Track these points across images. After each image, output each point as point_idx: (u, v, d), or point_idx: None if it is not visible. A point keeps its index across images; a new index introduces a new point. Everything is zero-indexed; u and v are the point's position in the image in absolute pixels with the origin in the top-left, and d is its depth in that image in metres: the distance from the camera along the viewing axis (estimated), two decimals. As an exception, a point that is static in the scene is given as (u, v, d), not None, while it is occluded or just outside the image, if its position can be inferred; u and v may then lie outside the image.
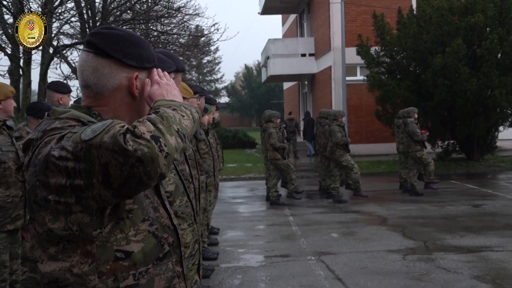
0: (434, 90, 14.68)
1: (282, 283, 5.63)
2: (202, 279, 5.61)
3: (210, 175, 5.69)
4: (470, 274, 5.66)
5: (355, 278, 5.67)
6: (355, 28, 19.00)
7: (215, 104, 7.27)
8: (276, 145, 10.32)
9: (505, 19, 14.40)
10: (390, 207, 10.11)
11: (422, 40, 15.02)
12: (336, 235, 7.81)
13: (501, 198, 10.70)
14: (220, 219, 9.23)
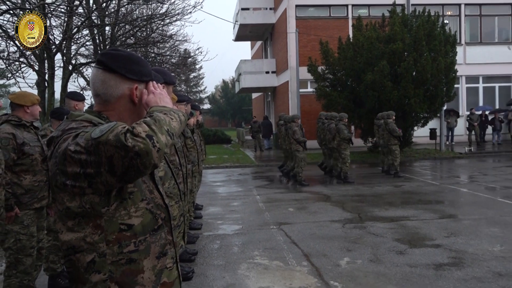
0: (366, 100, 14.83)
1: (251, 246, 5.62)
2: (189, 244, 5.59)
3: (195, 164, 5.64)
4: (392, 238, 5.73)
5: (306, 242, 5.69)
6: (306, 52, 19.06)
7: (198, 110, 7.21)
8: (300, 139, 10.55)
9: (418, 46, 14.60)
10: (333, 188, 10.17)
11: (357, 62, 15.15)
12: (292, 210, 7.83)
13: (415, 180, 10.86)
14: (203, 198, 9.17)
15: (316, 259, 4.98)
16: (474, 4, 21.43)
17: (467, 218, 6.68)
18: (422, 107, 14.62)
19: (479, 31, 21.76)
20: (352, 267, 4.68)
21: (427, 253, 5.03)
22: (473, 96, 21.74)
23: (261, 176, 13.18)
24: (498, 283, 4.05)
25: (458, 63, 16.83)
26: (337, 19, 20.67)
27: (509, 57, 21.59)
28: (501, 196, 8.35)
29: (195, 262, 4.98)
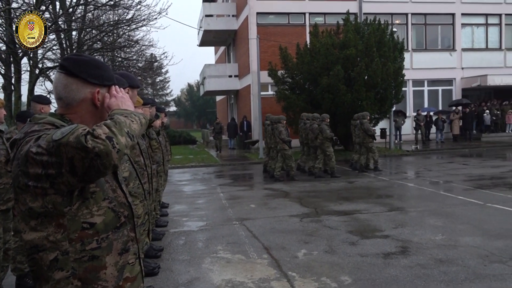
0: (322, 102, 15.09)
1: (214, 241, 5.63)
2: (156, 241, 5.53)
3: (160, 164, 5.58)
4: (346, 230, 5.88)
5: (266, 236, 5.75)
6: (267, 57, 19.18)
7: (163, 112, 7.13)
8: (285, 139, 10.79)
9: (369, 52, 14.99)
10: (291, 184, 10.29)
11: (314, 66, 15.39)
12: (254, 206, 7.88)
13: (367, 176, 11.14)
14: (169, 196, 9.08)
15: (275, 251, 5.05)
16: (419, 13, 22.23)
17: (413, 211, 6.94)
18: (373, 108, 15.02)
19: (424, 39, 22.59)
20: (309, 258, 4.77)
21: (377, 243, 5.19)
22: (419, 98, 22.55)
23: (225, 174, 13.18)
24: (439, 269, 4.24)
25: (406, 68, 17.42)
26: (295, 26, 20.93)
27: (451, 63, 22.55)
28: (443, 190, 8.72)
29: (161, 258, 4.94)
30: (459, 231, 5.60)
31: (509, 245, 4.89)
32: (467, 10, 22.53)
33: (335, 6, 20.91)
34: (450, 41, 22.83)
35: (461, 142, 20.04)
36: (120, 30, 15.49)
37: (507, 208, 6.77)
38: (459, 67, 22.64)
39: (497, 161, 13.51)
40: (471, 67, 22.49)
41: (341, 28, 16.41)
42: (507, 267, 4.21)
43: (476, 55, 22.77)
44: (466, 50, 22.74)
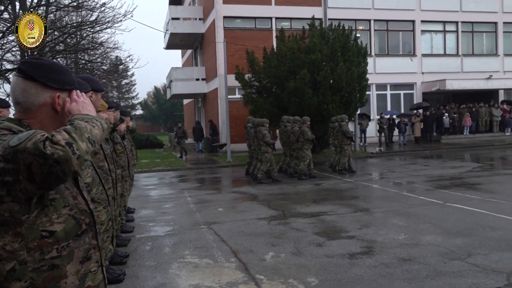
0: (289, 105, 15.19)
1: (182, 246, 5.56)
2: (121, 247, 5.41)
3: (125, 169, 5.46)
4: (313, 232, 5.94)
5: (234, 239, 5.74)
6: (234, 61, 19.18)
7: (129, 115, 7.00)
8: (269, 142, 10.88)
9: (334, 56, 15.21)
10: (259, 187, 10.30)
11: (280, 70, 15.49)
12: (222, 209, 7.84)
13: (333, 179, 11.29)
14: (136, 201, 8.91)
15: (243, 255, 5.04)
16: (382, 20, 22.84)
17: (377, 211, 7.10)
18: (339, 112, 15.21)
19: (386, 44, 23.22)
20: (276, 260, 4.79)
21: (343, 244, 5.28)
22: (382, 101, 23.14)
23: (192, 178, 13.07)
24: (402, 268, 4.36)
25: (369, 73, 17.84)
26: (262, 31, 21.06)
27: (412, 68, 23.27)
28: (406, 191, 8.97)
29: (126, 265, 4.83)
30: (421, 230, 5.77)
31: (467, 242, 5.08)
32: (426, 18, 23.35)
33: (301, 11, 21.18)
34: (410, 47, 23.57)
35: (422, 144, 20.70)
36: (83, 32, 15.12)
37: (465, 207, 7.03)
38: (420, 72, 23.40)
39: (456, 162, 14.02)
40: (430, 72, 23.31)
41: (307, 33, 16.62)
42: (465, 263, 4.37)
43: (435, 60, 23.62)
44: (426, 56, 23.54)
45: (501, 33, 24.61)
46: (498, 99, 24.42)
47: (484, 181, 9.62)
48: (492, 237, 5.23)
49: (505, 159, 14.48)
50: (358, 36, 17.70)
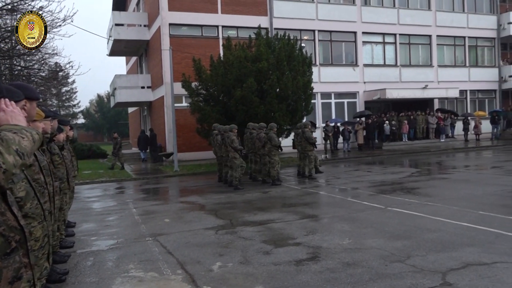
0: (236, 114, 15.25)
1: (126, 260, 5.38)
2: (60, 264, 5.14)
3: (64, 181, 5.22)
4: (260, 240, 5.96)
5: (181, 250, 5.64)
6: (180, 69, 19.02)
7: (68, 124, 6.71)
8: (238, 147, 11.15)
9: (280, 65, 15.50)
10: (207, 197, 10.23)
11: (227, 78, 15.53)
12: (168, 220, 7.69)
13: (281, 186, 11.39)
14: (76, 215, 8.53)
15: (190, 266, 4.96)
16: (325, 31, 23.61)
17: (323, 217, 7.26)
18: (285, 120, 15.54)
19: (330, 54, 24.02)
20: (224, 270, 4.76)
21: (290, 251, 5.34)
22: (327, 110, 23.85)
23: (138, 189, 12.73)
24: (346, 272, 4.48)
25: (314, 82, 18.35)
26: (209, 39, 21.06)
27: (354, 77, 24.21)
28: (351, 196, 9.26)
29: (65, 282, 4.60)
30: (364, 234, 5.97)
31: (406, 245, 5.32)
32: (367, 29, 24.44)
33: (247, 20, 21.44)
34: (353, 57, 24.53)
35: (365, 150, 21.52)
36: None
37: (405, 211, 7.37)
38: (362, 81, 24.39)
39: (396, 167, 14.69)
40: (372, 82, 24.37)
41: (253, 42, 16.81)
42: (405, 265, 4.57)
43: (376, 70, 24.73)
44: (367, 66, 24.59)
45: (435, 46, 26.25)
46: (433, 108, 25.95)
47: (421, 186, 10.14)
48: (429, 239, 5.52)
49: (440, 164, 15.37)
50: (303, 46, 18.17)
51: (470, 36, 27.30)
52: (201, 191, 11.30)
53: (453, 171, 13.04)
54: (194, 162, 18.83)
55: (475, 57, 27.79)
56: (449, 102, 27.15)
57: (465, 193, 8.79)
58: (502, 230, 5.74)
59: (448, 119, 25.44)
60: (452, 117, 25.67)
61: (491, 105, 28.30)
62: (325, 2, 23.56)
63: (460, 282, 4.02)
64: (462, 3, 27.11)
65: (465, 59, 27.33)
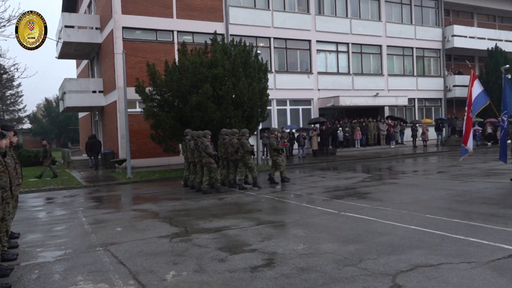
0: (191, 119, 15.11)
1: (74, 271, 5.16)
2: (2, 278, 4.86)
3: (6, 189, 4.94)
4: (215, 247, 5.91)
5: (133, 260, 5.48)
6: (134, 73, 18.62)
7: (12, 130, 6.37)
8: (212, 153, 11.29)
9: (236, 72, 15.52)
10: (161, 204, 10.04)
11: (183, 84, 15.37)
12: (120, 229, 7.47)
13: (236, 192, 11.40)
14: (21, 225, 8.11)
15: (143, 276, 4.83)
16: (281, 38, 23.96)
17: (278, 223, 7.32)
18: (241, 126, 15.49)
19: (285, 62, 24.37)
20: (178, 279, 4.67)
21: (245, 257, 5.33)
22: (282, 116, 24.15)
23: (89, 197, 12.28)
24: (301, 277, 4.53)
25: (270, 88, 18.53)
26: (164, 43, 20.78)
27: (309, 85, 24.70)
28: (305, 202, 9.39)
29: (7, 297, 4.34)
30: (318, 239, 6.07)
31: (358, 249, 5.46)
32: (321, 38, 25.04)
33: (203, 26, 21.36)
34: (307, 64, 25.02)
35: (319, 156, 21.94)
36: (-42, 37, 13.52)
37: (357, 215, 7.57)
38: (316, 88, 24.92)
39: (349, 173, 15.08)
40: (326, 89, 24.95)
41: (209, 48, 16.76)
42: (357, 269, 4.68)
43: (330, 78, 25.35)
44: (321, 74, 25.17)
45: (385, 55, 27.30)
46: (384, 115, 26.94)
47: (373, 191, 10.46)
48: (380, 242, 5.69)
49: (390, 170, 15.94)
50: (259, 53, 18.30)
51: (418, 47, 28.63)
52: (155, 199, 11.08)
53: (402, 176, 13.56)
54: (148, 169, 18.45)
55: (422, 67, 29.15)
56: (399, 110, 28.26)
57: (414, 198, 9.15)
58: (447, 232, 6.02)
59: (397, 126, 26.50)
60: (401, 124, 26.77)
61: (437, 113, 29.75)
62: (280, 10, 23.93)
63: (409, 283, 4.16)
64: (410, 15, 28.41)
65: (413, 68, 28.61)
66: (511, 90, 11.31)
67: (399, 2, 28.07)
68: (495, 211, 7.37)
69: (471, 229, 6.15)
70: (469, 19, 32.45)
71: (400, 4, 28.09)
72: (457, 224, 6.49)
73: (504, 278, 4.19)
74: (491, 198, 8.69)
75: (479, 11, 32.52)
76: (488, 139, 25.92)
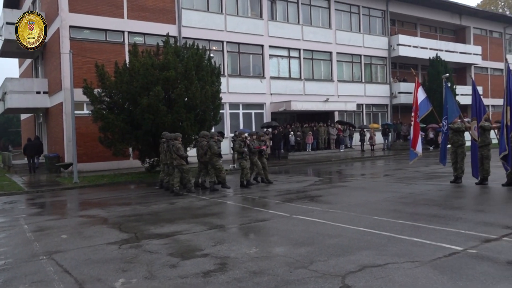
0: (142, 122, 14.80)
1: (15, 282, 4.86)
2: None
3: None
4: (167, 253, 5.79)
5: (80, 268, 5.26)
6: (81, 74, 17.97)
7: None
8: (183, 155, 11.69)
9: (189, 75, 15.37)
10: (110, 209, 9.72)
11: (133, 86, 15.03)
12: (66, 236, 7.14)
13: (188, 197, 11.27)
14: (-46, 234, 7.56)
15: (90, 285, 4.64)
16: (234, 42, 24.03)
17: (231, 227, 7.29)
18: (193, 129, 15.43)
19: (238, 66, 24.46)
20: (127, 287, 4.53)
21: (197, 263, 5.27)
22: (235, 120, 24.20)
23: (31, 203, 11.68)
24: (253, 281, 4.53)
25: (223, 92, 18.52)
26: (114, 44, 20.22)
27: (261, 89, 24.91)
28: (258, 205, 9.42)
29: None
30: (270, 242, 6.11)
31: (310, 251, 5.55)
32: (274, 43, 25.37)
33: (155, 27, 21.01)
34: (260, 69, 25.25)
35: (272, 160, 22.11)
36: None
37: (309, 218, 7.70)
38: (268, 93, 25.19)
39: (301, 176, 15.34)
40: (278, 94, 25.29)
41: (161, 50, 16.50)
42: (308, 271, 4.76)
43: (282, 83, 25.72)
44: (274, 78, 25.47)
45: (335, 62, 28.10)
46: (334, 120, 27.69)
47: (323, 193, 10.70)
48: (330, 244, 5.82)
49: (340, 173, 16.38)
50: (212, 56, 18.25)
51: (366, 55, 29.71)
52: (104, 204, 10.71)
53: (351, 179, 13.97)
54: (97, 173, 17.81)
55: (370, 74, 30.26)
56: (348, 115, 29.16)
57: (362, 200, 9.45)
58: (393, 233, 6.26)
59: (347, 130, 27.34)
60: (350, 129, 27.65)
61: (384, 119, 30.97)
62: (233, 14, 24.01)
63: (358, 284, 4.29)
64: (359, 24, 29.44)
65: (361, 75, 29.64)
66: (452, 97, 12.01)
67: (348, 11, 29.03)
68: (437, 212, 7.77)
69: (415, 230, 6.43)
70: (413, 29, 34.13)
71: (349, 13, 29.05)
72: (402, 225, 6.77)
73: (445, 276, 4.41)
74: (433, 199, 9.15)
75: (422, 22, 34.28)
76: (430, 144, 27.28)
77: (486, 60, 36.93)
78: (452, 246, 5.47)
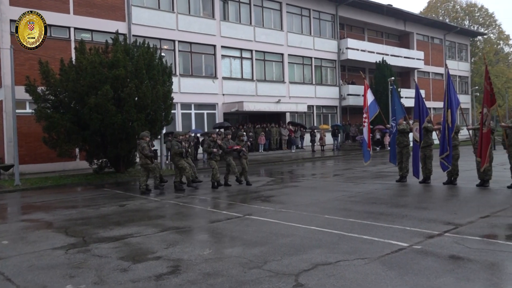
0: (90, 122, 14.26)
1: (-51, 293, 4.53)
2: None
3: None
4: (117, 256, 5.62)
5: (23, 275, 4.97)
6: (24, 71, 17.06)
7: None
8: (148, 154, 11.81)
9: (139, 74, 14.99)
10: (55, 213, 9.29)
11: (80, 84, 14.45)
12: (7, 242, 6.72)
13: (139, 198, 11.02)
14: None
15: (34, 293, 4.41)
16: (185, 42, 23.75)
17: (184, 229, 7.19)
18: (144, 129, 14.98)
19: (190, 65, 24.20)
20: (75, 294, 4.35)
21: (149, 266, 5.15)
22: (187, 120, 23.92)
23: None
24: (207, 282, 4.49)
25: (174, 92, 18.26)
26: (59, 40, 19.35)
27: (214, 89, 24.80)
28: (211, 206, 9.39)
29: None
30: (224, 243, 6.09)
31: (263, 251, 5.59)
32: (226, 44, 25.34)
33: (103, 24, 20.34)
34: (212, 69, 25.13)
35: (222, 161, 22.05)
36: None
37: (262, 218, 7.75)
38: (221, 93, 25.12)
39: (253, 177, 15.41)
40: (230, 94, 25.28)
41: (110, 48, 15.99)
42: (262, 271, 4.78)
43: (234, 83, 25.74)
44: (226, 79, 25.44)
45: (286, 63, 28.51)
46: (286, 120, 28.08)
47: (276, 194, 10.82)
48: (283, 244, 5.89)
49: (292, 173, 16.63)
50: (163, 55, 17.93)
51: (316, 57, 30.39)
52: (48, 207, 10.22)
53: (303, 179, 14.23)
54: (40, 175, 16.97)
55: (320, 76, 30.98)
56: (299, 116, 29.68)
57: (313, 199, 9.65)
58: (343, 231, 6.44)
59: (298, 131, 27.81)
60: (301, 130, 28.16)
61: (333, 120, 31.82)
62: (185, 13, 23.73)
63: (310, 282, 4.37)
64: (309, 27, 30.06)
65: (312, 77, 30.27)
66: (398, 99, 12.55)
67: (299, 14, 29.57)
68: (384, 210, 8.08)
69: (364, 228, 6.65)
70: (361, 33, 35.35)
71: (300, 15, 29.59)
72: (352, 223, 6.98)
73: (393, 271, 4.60)
74: (380, 198, 9.51)
75: (369, 27, 35.58)
76: (377, 144, 28.34)
77: (428, 65, 38.93)
78: (399, 242, 5.71)
